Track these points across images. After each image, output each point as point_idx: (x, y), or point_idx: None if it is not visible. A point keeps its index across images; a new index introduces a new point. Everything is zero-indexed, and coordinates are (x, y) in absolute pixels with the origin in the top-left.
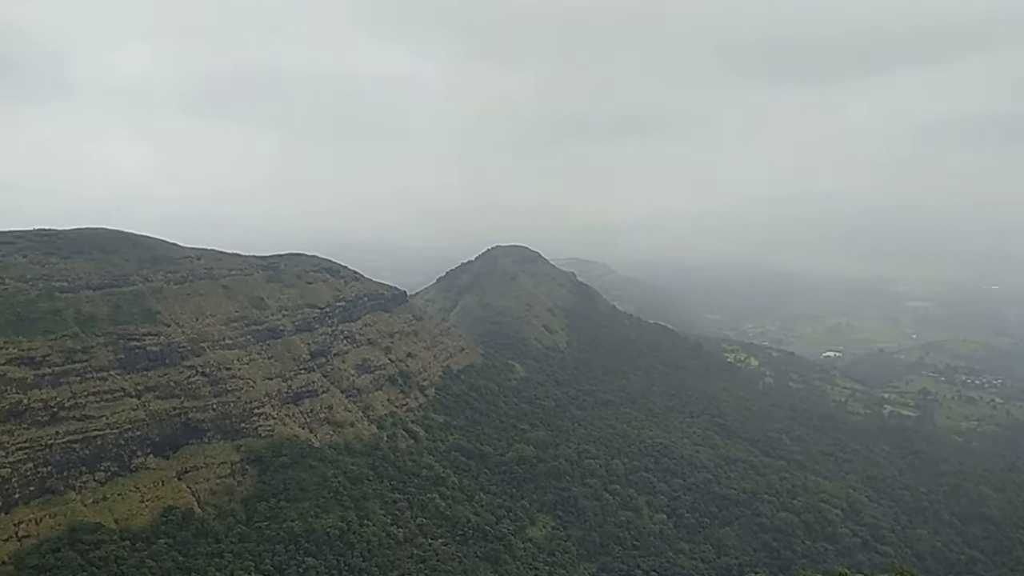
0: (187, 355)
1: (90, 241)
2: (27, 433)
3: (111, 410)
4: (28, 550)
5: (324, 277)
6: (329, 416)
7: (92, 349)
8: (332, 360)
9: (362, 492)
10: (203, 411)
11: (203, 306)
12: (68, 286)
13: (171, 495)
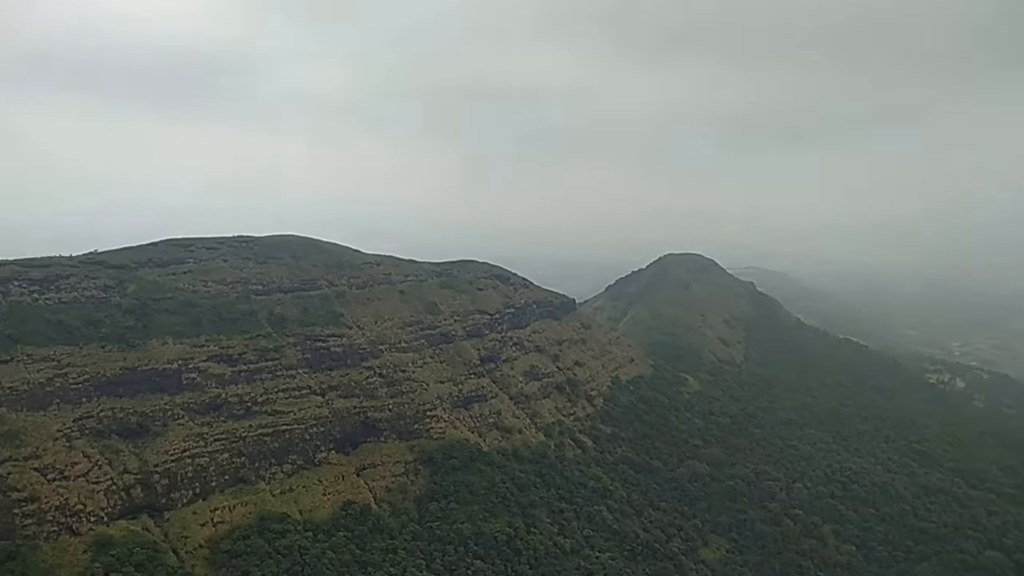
0: (366, 356)
1: (283, 247)
2: (224, 425)
3: (298, 406)
4: (222, 535)
5: (494, 284)
6: (498, 421)
7: (283, 348)
8: (501, 366)
9: (529, 499)
10: (380, 411)
11: (381, 310)
12: (263, 289)
13: (350, 490)
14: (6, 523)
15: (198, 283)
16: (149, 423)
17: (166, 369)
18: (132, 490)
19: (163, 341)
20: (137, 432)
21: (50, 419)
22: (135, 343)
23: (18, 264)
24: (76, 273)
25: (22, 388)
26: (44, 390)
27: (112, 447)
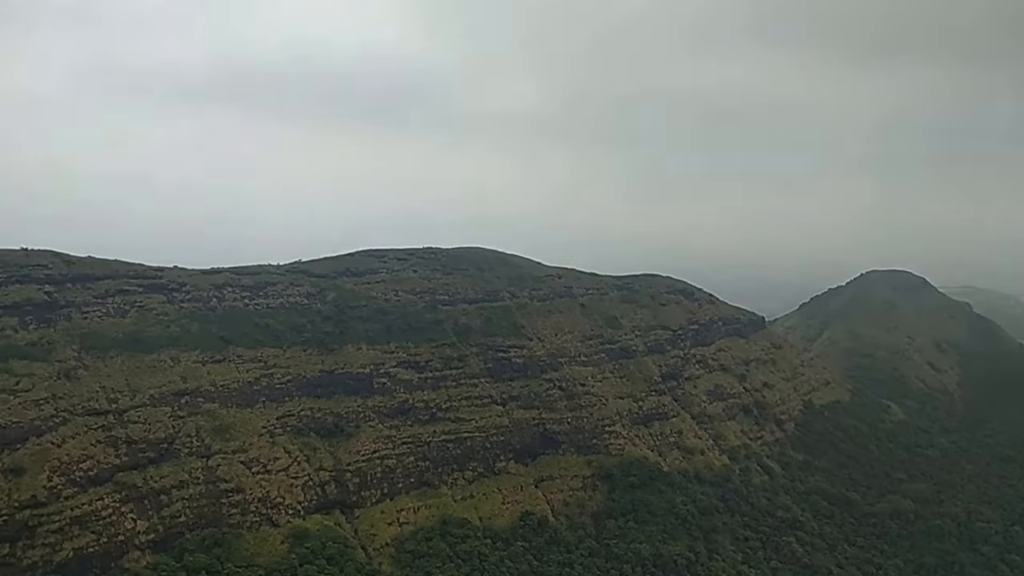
0: (546, 369)
1: (468, 259)
2: (411, 430)
3: (480, 415)
4: (407, 535)
5: (678, 299)
6: (679, 441)
7: (466, 358)
8: (683, 384)
9: (711, 524)
10: (559, 423)
11: (562, 323)
12: (448, 299)
13: (528, 501)
14: (214, 511)
15: (390, 292)
16: (343, 423)
17: (359, 373)
18: (326, 486)
19: (357, 346)
20: (332, 431)
21: (256, 416)
22: (333, 347)
23: (232, 272)
24: (282, 281)
25: (233, 386)
26: (252, 388)
27: (310, 444)
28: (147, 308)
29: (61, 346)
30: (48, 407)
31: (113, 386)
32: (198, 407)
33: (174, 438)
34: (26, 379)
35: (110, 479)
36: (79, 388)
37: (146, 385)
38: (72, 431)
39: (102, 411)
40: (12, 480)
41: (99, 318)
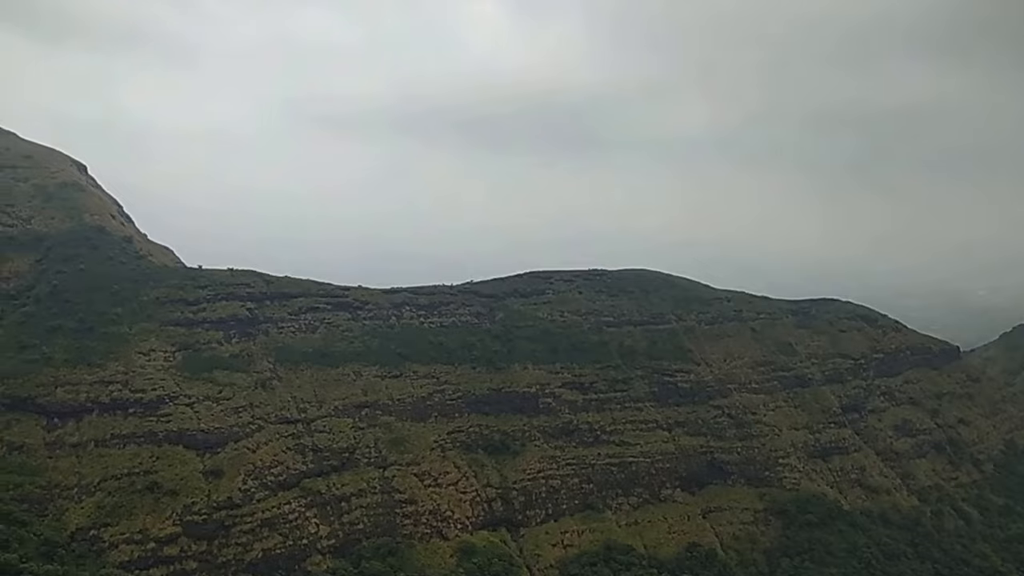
0: (714, 395)
1: (633, 281)
2: (575, 451)
3: (645, 440)
4: (571, 558)
5: (859, 325)
6: (861, 478)
7: (631, 380)
8: (866, 417)
9: (899, 570)
10: (728, 452)
11: (731, 348)
12: (613, 321)
13: (695, 531)
14: (389, 521)
15: (555, 313)
16: (510, 441)
17: (525, 392)
18: (493, 503)
19: (524, 366)
20: (499, 449)
21: (429, 430)
22: (500, 366)
23: (410, 291)
24: (455, 300)
25: (408, 400)
26: (425, 403)
27: (478, 461)
28: (334, 325)
29: (259, 358)
30: (246, 414)
31: (303, 397)
32: (376, 419)
33: (355, 448)
34: (228, 388)
35: (297, 484)
36: (273, 398)
37: (331, 397)
38: (265, 438)
39: (292, 420)
40: (212, 481)
41: (292, 333)
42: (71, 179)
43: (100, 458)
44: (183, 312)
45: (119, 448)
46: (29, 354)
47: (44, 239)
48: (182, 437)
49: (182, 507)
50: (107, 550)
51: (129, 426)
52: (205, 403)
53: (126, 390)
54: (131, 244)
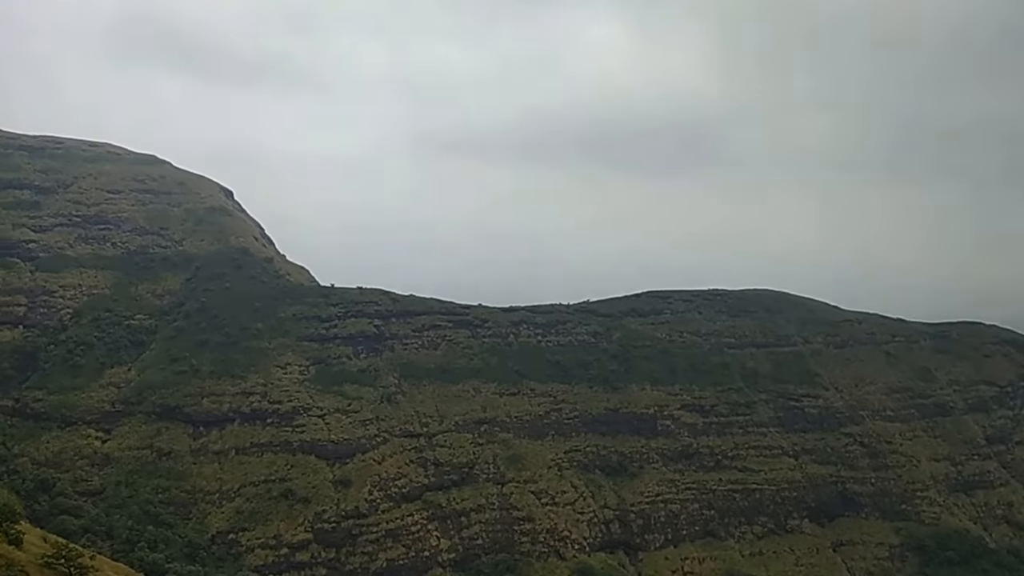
0: (845, 422)
1: (755, 301)
2: (695, 475)
3: (769, 466)
4: None
5: (1005, 350)
6: (1008, 514)
7: (754, 404)
8: (1013, 449)
9: None
10: (860, 483)
11: (863, 372)
12: (735, 342)
13: (825, 565)
14: (507, 537)
15: (674, 333)
16: (627, 463)
17: (643, 413)
18: (611, 525)
19: (642, 386)
20: (616, 470)
21: (546, 448)
22: (618, 386)
23: (527, 310)
24: (572, 319)
25: (525, 418)
26: (542, 422)
27: (595, 481)
28: (455, 342)
29: (385, 373)
30: (372, 427)
31: (425, 411)
32: (495, 436)
33: (474, 463)
34: (356, 401)
35: (419, 497)
36: (397, 412)
37: (452, 412)
38: (390, 450)
39: (415, 434)
40: (340, 491)
41: (416, 349)
42: (219, 204)
43: (240, 465)
44: (316, 328)
45: (257, 456)
46: (179, 366)
47: (194, 259)
48: (314, 447)
49: (313, 514)
50: (244, 553)
51: (266, 435)
52: (335, 415)
53: (264, 401)
54: (271, 264)
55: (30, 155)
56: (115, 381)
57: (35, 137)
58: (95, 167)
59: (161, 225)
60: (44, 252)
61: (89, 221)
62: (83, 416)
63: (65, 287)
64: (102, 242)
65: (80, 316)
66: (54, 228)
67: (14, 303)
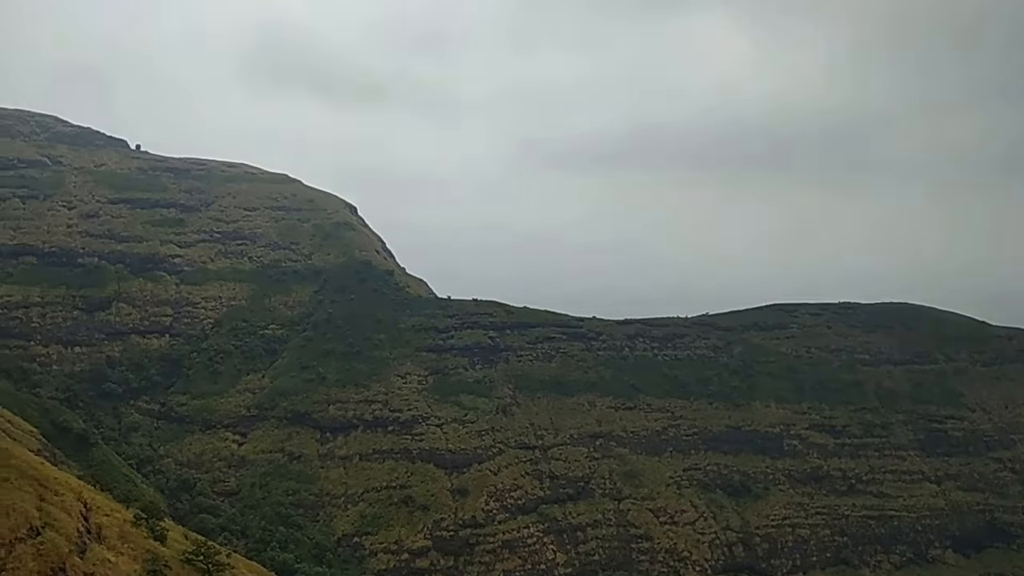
0: (994, 446)
1: (891, 315)
2: (825, 499)
3: (908, 492)
4: None
5: None
6: None
7: (891, 426)
8: None
9: None
10: (1011, 512)
11: (1014, 393)
12: (869, 359)
13: None
14: (625, 555)
15: (801, 349)
16: (751, 483)
17: (768, 432)
18: (734, 547)
19: (766, 404)
20: (739, 490)
21: (663, 465)
22: (739, 403)
23: (643, 323)
24: (690, 333)
25: (642, 434)
26: (659, 438)
27: (716, 501)
28: (569, 354)
29: (500, 385)
30: (488, 438)
31: (540, 424)
32: (611, 451)
33: (590, 478)
34: (472, 412)
35: (535, 510)
36: (512, 423)
37: (567, 425)
38: (506, 461)
39: (530, 446)
40: (458, 500)
41: (530, 361)
42: (344, 219)
43: (363, 471)
44: (434, 339)
45: (379, 462)
46: (307, 374)
47: (321, 272)
48: (432, 456)
49: (432, 522)
50: (367, 557)
51: (388, 443)
52: (452, 425)
53: (386, 409)
54: (392, 277)
55: (176, 176)
56: (250, 387)
57: (180, 160)
58: (233, 186)
59: (292, 240)
60: (188, 266)
61: (228, 237)
62: (222, 420)
63: (207, 299)
64: (239, 256)
65: (220, 326)
66: (197, 244)
67: (161, 313)
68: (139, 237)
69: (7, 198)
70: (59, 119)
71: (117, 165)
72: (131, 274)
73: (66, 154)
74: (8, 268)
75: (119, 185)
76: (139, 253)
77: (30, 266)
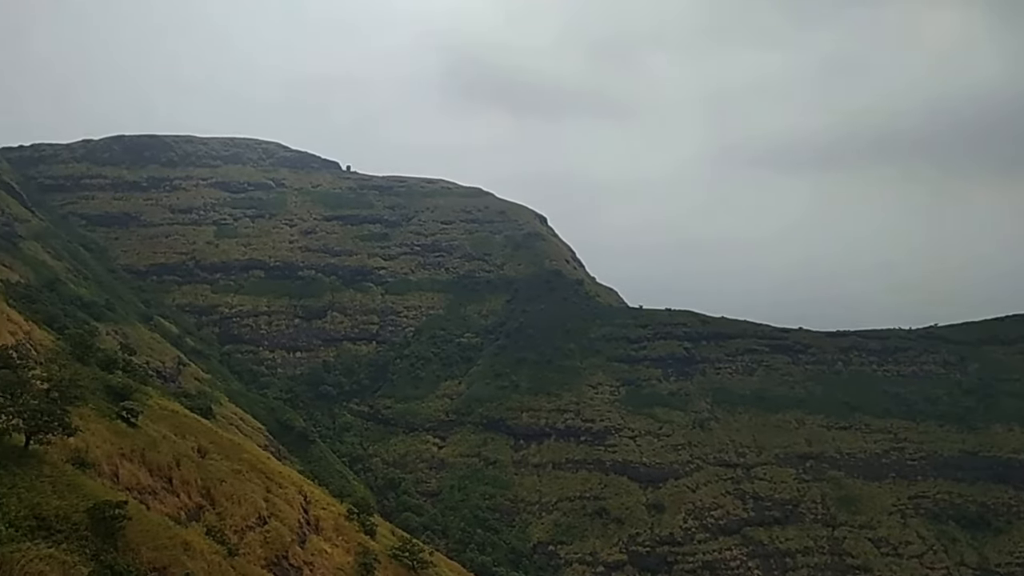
0: None
1: None
2: None
3: None
4: None
5: None
6: None
7: None
8: None
9: None
10: None
11: None
12: None
13: None
14: None
15: None
16: (991, 516)
17: (1011, 459)
18: None
19: (1008, 427)
20: (976, 523)
21: (884, 491)
22: (975, 425)
23: (858, 335)
24: (914, 347)
25: (859, 456)
26: (880, 461)
27: (948, 534)
28: (773, 368)
29: (696, 398)
30: (684, 453)
31: (741, 441)
32: (823, 473)
33: (799, 501)
34: (667, 425)
35: (738, 531)
36: (711, 439)
37: (771, 444)
38: (704, 479)
39: (731, 464)
40: (654, 515)
41: (729, 374)
42: (534, 230)
43: (556, 480)
44: (626, 349)
45: (572, 472)
46: (501, 381)
47: (513, 282)
48: (626, 468)
49: (627, 536)
50: (562, 566)
51: (580, 453)
52: (646, 437)
53: (578, 419)
54: (582, 286)
55: (380, 193)
56: (448, 393)
57: (384, 178)
58: (431, 201)
59: (485, 251)
60: (392, 277)
61: (427, 249)
62: (423, 423)
63: (408, 308)
64: (437, 268)
65: (420, 333)
66: (399, 256)
67: (369, 322)
68: (349, 251)
69: (239, 218)
70: (281, 145)
71: (331, 185)
72: (343, 285)
73: (288, 177)
74: (240, 281)
75: (332, 203)
76: (349, 266)
77: (258, 279)
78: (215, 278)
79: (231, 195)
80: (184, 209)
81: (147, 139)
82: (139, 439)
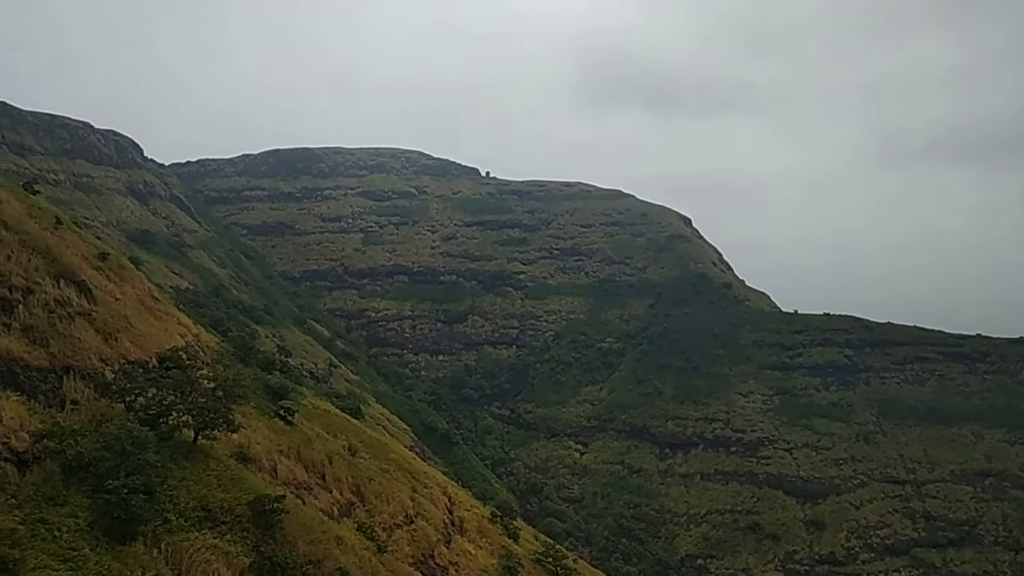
0: None
1: None
2: None
3: None
4: None
5: None
6: None
7: None
8: None
9: None
10: None
11: None
12: None
13: None
14: None
15: None
16: None
17: None
18: None
19: None
20: None
21: None
22: None
23: None
24: None
25: None
26: None
27: None
28: (947, 378)
29: (859, 409)
30: (847, 468)
31: (911, 456)
32: (1005, 492)
33: (977, 522)
34: (827, 437)
35: (907, 552)
36: (877, 453)
37: (945, 459)
38: (869, 495)
39: (899, 480)
40: (813, 532)
41: (896, 384)
42: (678, 232)
43: (705, 491)
44: (779, 356)
45: (722, 484)
46: (644, 388)
47: (656, 286)
48: (781, 482)
49: (784, 553)
50: None
51: (731, 464)
52: (804, 450)
53: (727, 429)
54: (730, 290)
55: (519, 198)
56: (589, 398)
57: (522, 182)
58: (570, 204)
59: (626, 254)
60: (531, 282)
61: (566, 253)
62: (564, 429)
63: (548, 312)
64: (576, 272)
65: (560, 338)
66: (538, 261)
67: (509, 326)
68: (489, 256)
69: (384, 225)
70: (423, 153)
71: (470, 191)
72: (483, 290)
73: (429, 184)
74: (386, 286)
75: (472, 209)
76: (489, 271)
77: (403, 284)
78: (362, 283)
79: (376, 203)
80: (334, 218)
81: (300, 152)
82: (295, 436)
